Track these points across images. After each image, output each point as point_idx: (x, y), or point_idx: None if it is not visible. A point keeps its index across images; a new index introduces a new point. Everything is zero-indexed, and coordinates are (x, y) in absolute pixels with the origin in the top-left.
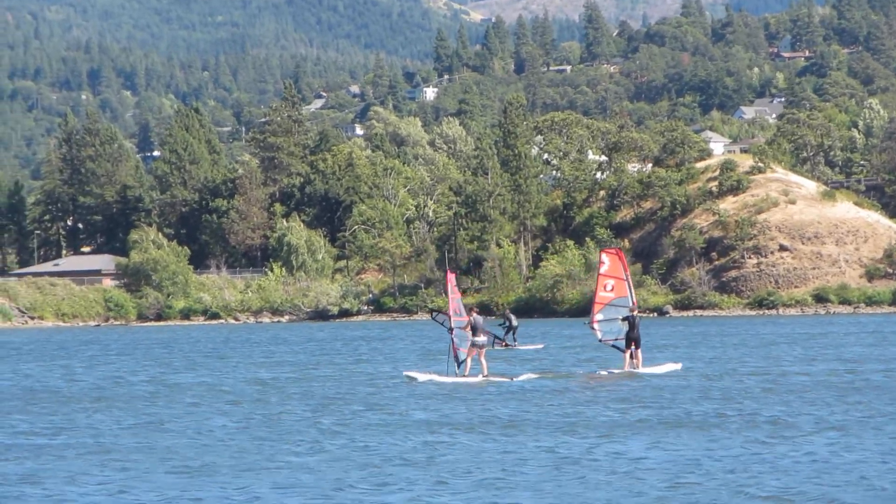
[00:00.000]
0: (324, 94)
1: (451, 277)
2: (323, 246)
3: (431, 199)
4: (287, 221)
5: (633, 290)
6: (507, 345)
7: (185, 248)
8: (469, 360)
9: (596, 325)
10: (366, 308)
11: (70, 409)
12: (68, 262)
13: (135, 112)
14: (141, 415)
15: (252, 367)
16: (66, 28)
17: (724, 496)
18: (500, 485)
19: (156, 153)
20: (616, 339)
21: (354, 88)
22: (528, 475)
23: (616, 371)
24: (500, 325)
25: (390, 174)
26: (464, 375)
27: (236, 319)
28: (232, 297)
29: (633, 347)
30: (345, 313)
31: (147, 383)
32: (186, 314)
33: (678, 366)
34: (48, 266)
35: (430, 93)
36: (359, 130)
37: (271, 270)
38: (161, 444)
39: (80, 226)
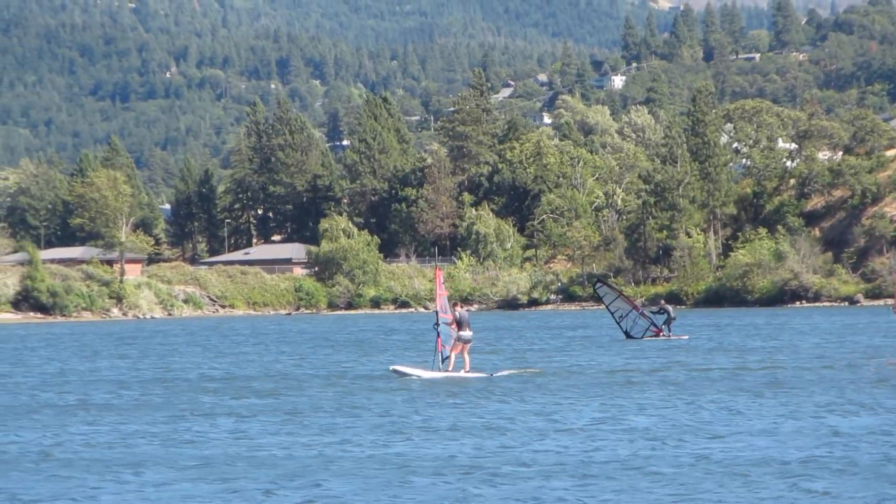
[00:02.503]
0: (511, 82)
1: (440, 275)
2: (512, 235)
3: (620, 188)
4: (476, 210)
5: None
6: (662, 335)
7: (375, 236)
8: (453, 356)
9: None
10: (554, 297)
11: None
12: (259, 251)
13: (324, 101)
14: None
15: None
16: (254, 16)
17: None
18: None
19: (345, 142)
20: None
21: (542, 77)
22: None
23: None
24: (655, 312)
25: (578, 163)
26: (447, 371)
27: (426, 308)
28: (421, 285)
29: None
30: (533, 302)
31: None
32: (376, 303)
33: None
34: (239, 254)
35: (617, 81)
36: (546, 119)
37: (460, 259)
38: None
39: (271, 214)
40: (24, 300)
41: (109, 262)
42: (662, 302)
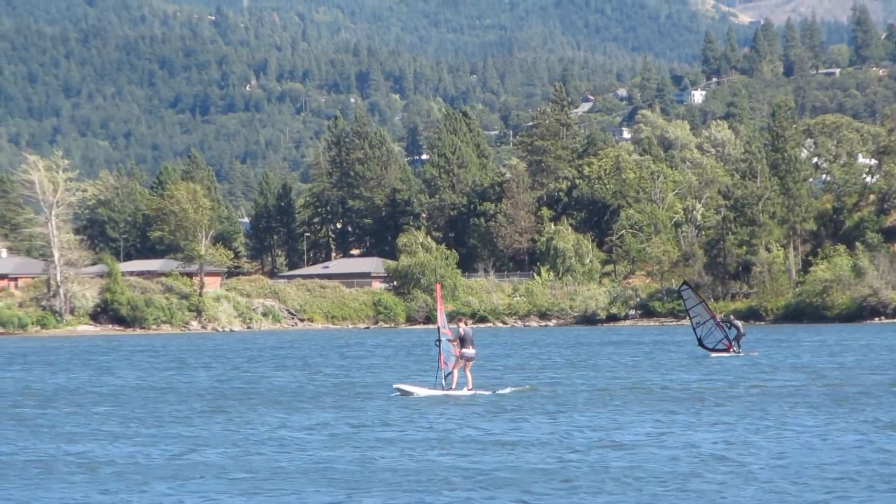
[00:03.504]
0: (591, 97)
1: (438, 288)
2: (590, 250)
3: (700, 203)
4: (555, 225)
5: None
6: (732, 350)
7: (454, 251)
8: (456, 373)
9: None
10: (633, 313)
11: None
12: (337, 265)
13: (403, 115)
14: None
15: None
16: (333, 30)
17: None
18: None
19: (424, 157)
20: None
21: (622, 91)
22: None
23: None
24: (725, 324)
25: (658, 178)
26: (450, 388)
27: (504, 323)
28: (499, 300)
29: None
30: (612, 318)
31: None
32: (454, 317)
33: None
34: (318, 268)
35: (697, 95)
36: (626, 134)
37: (539, 274)
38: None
39: (350, 228)
40: (104, 312)
41: (189, 275)
42: (731, 317)
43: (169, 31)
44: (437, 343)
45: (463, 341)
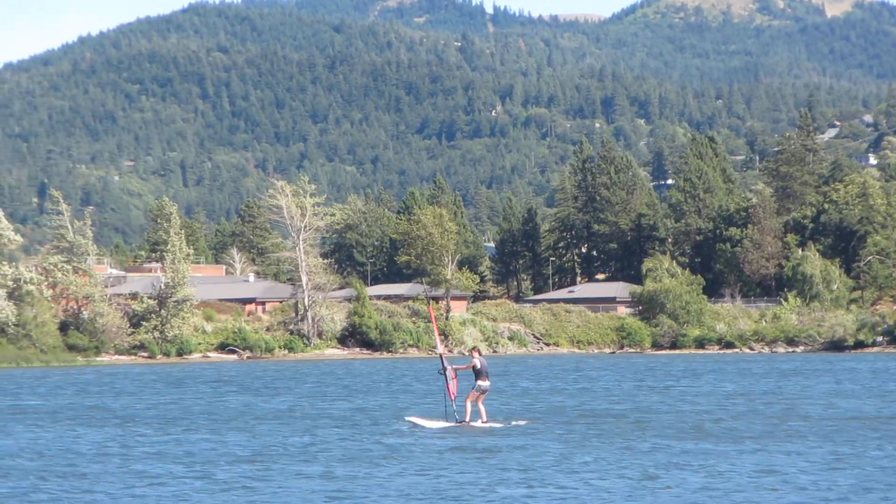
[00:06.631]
0: (837, 123)
1: (431, 311)
2: (838, 276)
3: None
4: (802, 251)
5: None
6: None
7: (699, 276)
8: (469, 405)
9: None
10: (880, 339)
11: None
12: (583, 289)
13: (648, 140)
14: None
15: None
16: (578, 56)
17: None
18: None
19: (669, 181)
20: None
21: (868, 118)
22: None
23: None
24: None
25: None
26: (464, 420)
27: (751, 349)
28: (746, 326)
29: None
30: (859, 344)
31: None
32: (701, 343)
33: None
34: (563, 293)
35: None
36: (872, 160)
37: (786, 300)
38: None
39: (595, 253)
40: (351, 336)
41: (435, 299)
42: None
43: (415, 57)
44: (443, 372)
45: (478, 373)
